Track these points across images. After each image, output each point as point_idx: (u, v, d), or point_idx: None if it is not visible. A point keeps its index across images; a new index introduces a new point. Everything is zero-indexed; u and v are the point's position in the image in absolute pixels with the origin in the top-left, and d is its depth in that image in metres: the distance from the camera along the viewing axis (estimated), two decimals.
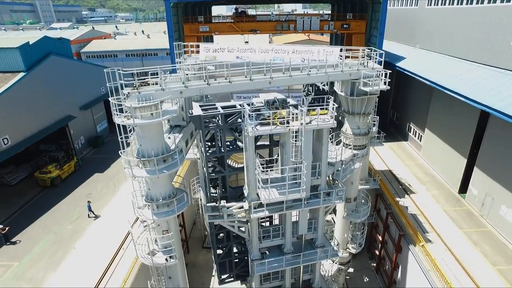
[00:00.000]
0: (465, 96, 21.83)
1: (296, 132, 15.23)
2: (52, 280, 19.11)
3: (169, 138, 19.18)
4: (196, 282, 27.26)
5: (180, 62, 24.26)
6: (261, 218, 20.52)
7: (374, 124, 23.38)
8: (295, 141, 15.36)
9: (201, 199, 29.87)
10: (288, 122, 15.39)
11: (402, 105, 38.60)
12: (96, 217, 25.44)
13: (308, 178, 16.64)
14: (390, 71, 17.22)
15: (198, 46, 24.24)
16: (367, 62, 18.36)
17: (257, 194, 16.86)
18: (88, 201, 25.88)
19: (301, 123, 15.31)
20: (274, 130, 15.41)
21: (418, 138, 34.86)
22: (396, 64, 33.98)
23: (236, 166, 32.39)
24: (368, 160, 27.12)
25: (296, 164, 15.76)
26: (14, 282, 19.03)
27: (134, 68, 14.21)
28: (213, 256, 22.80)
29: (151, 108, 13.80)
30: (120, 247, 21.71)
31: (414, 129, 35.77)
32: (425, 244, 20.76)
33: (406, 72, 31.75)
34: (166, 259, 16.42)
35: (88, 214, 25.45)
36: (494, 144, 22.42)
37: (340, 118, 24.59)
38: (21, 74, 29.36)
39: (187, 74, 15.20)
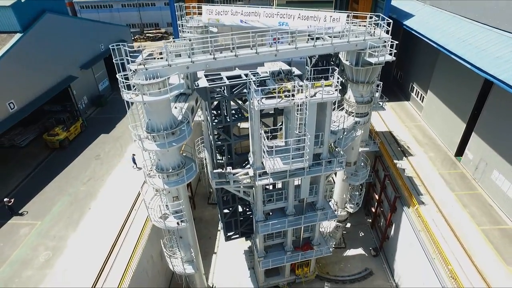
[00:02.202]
0: (470, 62, 21.62)
1: (300, 105, 15.58)
2: (73, 239, 20.77)
3: (175, 108, 19.60)
4: (203, 236, 29.38)
5: (182, 25, 23.78)
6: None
7: (377, 90, 23.47)
8: (300, 114, 15.79)
9: (205, 158, 31.00)
10: (293, 95, 15.66)
11: (407, 64, 37.99)
12: (140, 169, 26.76)
13: (311, 149, 17.34)
14: (397, 42, 16.99)
15: (200, 8, 23.45)
16: (374, 30, 18.01)
17: (262, 163, 17.71)
18: (133, 154, 27.24)
19: (306, 96, 15.59)
20: (279, 103, 15.73)
21: (420, 99, 34.94)
22: (404, 23, 32.86)
23: (240, 128, 32.97)
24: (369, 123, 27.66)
25: (300, 136, 16.37)
26: (40, 239, 20.73)
27: (140, 44, 14.09)
28: (219, 215, 24.39)
29: (158, 84, 14.01)
30: (132, 208, 23.15)
31: (417, 90, 35.68)
32: (418, 207, 22.17)
33: (413, 32, 30.84)
34: (178, 223, 17.77)
35: (133, 166, 27.06)
36: (494, 112, 22.77)
37: (343, 81, 24.56)
38: (18, 35, 28.60)
39: (192, 47, 15.09)
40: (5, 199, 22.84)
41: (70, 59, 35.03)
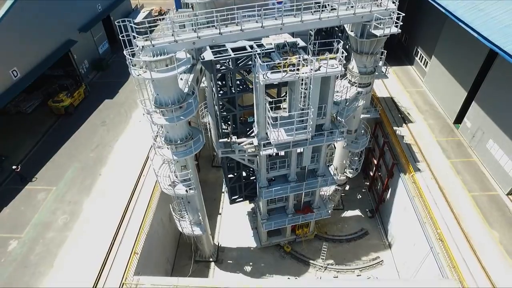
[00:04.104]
0: (477, 31, 21.34)
1: (305, 79, 15.86)
2: (88, 203, 22.09)
3: (181, 79, 19.77)
4: (208, 198, 30.72)
5: None
6: None
7: (380, 59, 23.35)
8: (305, 88, 16.14)
9: (209, 123, 31.57)
10: (297, 69, 15.87)
11: (413, 27, 36.96)
12: None
13: (314, 120, 17.89)
14: (404, 14, 16.77)
15: None
16: (381, 1, 17.65)
17: (266, 133, 18.35)
18: None
19: (311, 69, 15.80)
20: (285, 78, 15.99)
21: (424, 64, 34.65)
22: None
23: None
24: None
25: (304, 109, 16.84)
26: (57, 204, 22.04)
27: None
28: (224, 180, 25.63)
29: (166, 61, 14.22)
30: (141, 174, 24.22)
31: (421, 54, 35.22)
32: (414, 174, 23.24)
33: None
34: (186, 191, 18.88)
35: None
36: (496, 82, 22.92)
37: (348, 47, 24.35)
38: None
39: (197, 21, 15.01)
40: (13, 167, 23.70)
41: (67, 22, 34.03)
